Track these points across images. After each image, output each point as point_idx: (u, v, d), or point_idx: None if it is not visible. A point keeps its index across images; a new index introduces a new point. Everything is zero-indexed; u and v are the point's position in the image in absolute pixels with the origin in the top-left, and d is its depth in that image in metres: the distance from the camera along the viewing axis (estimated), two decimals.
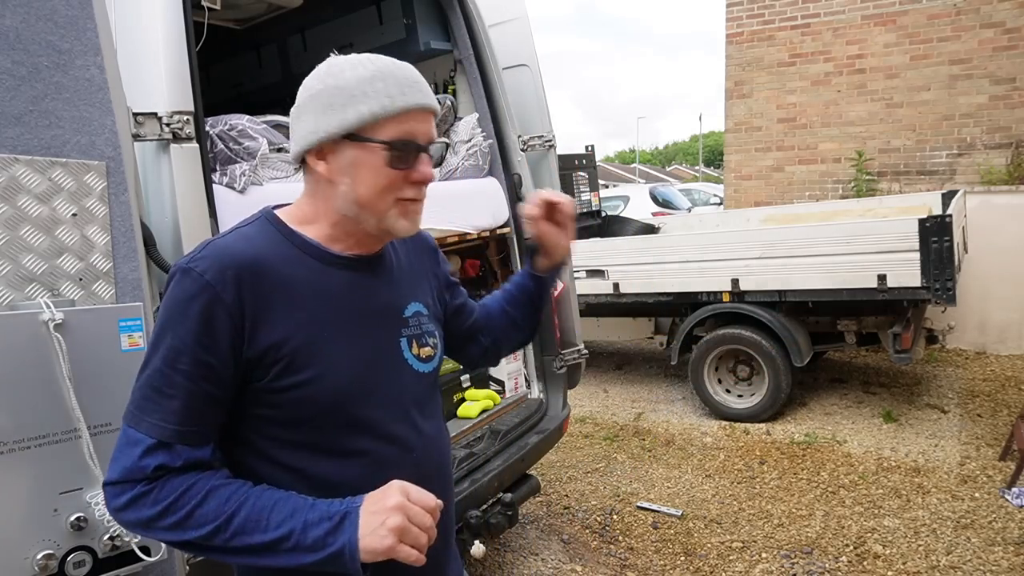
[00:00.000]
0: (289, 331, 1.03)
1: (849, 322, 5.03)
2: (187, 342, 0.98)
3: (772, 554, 3.35)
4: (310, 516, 0.96)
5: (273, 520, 0.96)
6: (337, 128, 1.02)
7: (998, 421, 4.78)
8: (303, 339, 1.04)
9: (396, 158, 1.04)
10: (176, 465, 0.98)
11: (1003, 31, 7.02)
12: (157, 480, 0.97)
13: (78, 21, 1.54)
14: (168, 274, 1.04)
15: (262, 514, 0.97)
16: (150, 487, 0.97)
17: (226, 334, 0.99)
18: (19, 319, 1.37)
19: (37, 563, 1.37)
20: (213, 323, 0.99)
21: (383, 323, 1.14)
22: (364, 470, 1.08)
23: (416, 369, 1.17)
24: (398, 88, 1.03)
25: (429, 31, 3.21)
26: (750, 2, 8.27)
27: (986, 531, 3.39)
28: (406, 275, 1.22)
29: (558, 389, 3.29)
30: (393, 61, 1.07)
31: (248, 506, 0.97)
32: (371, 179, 1.05)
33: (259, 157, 2.24)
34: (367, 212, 1.07)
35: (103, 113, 1.58)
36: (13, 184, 1.43)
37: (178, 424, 0.99)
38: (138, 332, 1.53)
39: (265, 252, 1.05)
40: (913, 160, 7.56)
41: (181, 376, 0.99)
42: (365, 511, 0.96)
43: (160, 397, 0.99)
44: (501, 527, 2.63)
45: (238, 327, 1.00)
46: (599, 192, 7.04)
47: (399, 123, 1.03)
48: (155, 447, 0.98)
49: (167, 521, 0.96)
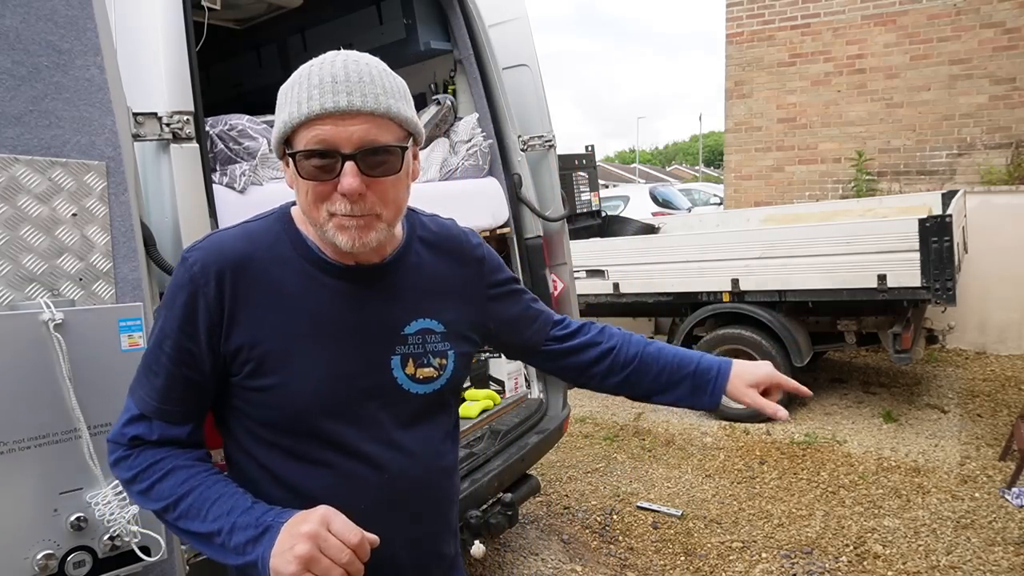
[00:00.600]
0: (263, 334, 1.04)
1: (849, 322, 5.03)
2: (172, 327, 1.04)
3: (772, 554, 3.35)
4: (241, 519, 0.97)
5: (211, 513, 0.99)
6: (276, 137, 1.01)
7: (998, 421, 4.78)
8: (274, 344, 1.04)
9: (309, 169, 0.97)
10: (152, 439, 1.05)
11: (1003, 31, 7.02)
12: (134, 448, 1.06)
13: (78, 21, 1.54)
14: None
15: (204, 504, 1.00)
16: (128, 452, 1.06)
17: (205, 326, 1.03)
18: (19, 319, 1.37)
19: (37, 563, 1.37)
20: (195, 314, 1.03)
21: (371, 339, 1.09)
22: (329, 481, 1.07)
23: (407, 389, 1.12)
24: (307, 93, 0.96)
25: (429, 31, 3.21)
26: (750, 2, 8.27)
27: (986, 531, 3.39)
28: (421, 289, 1.15)
29: (558, 389, 3.29)
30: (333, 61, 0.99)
31: (196, 493, 1.01)
32: (301, 190, 1.01)
33: (259, 157, 2.23)
34: (312, 223, 1.03)
35: (103, 113, 1.58)
36: (13, 184, 1.43)
37: (158, 401, 1.05)
38: (138, 332, 1.53)
39: (260, 252, 1.06)
40: (913, 160, 7.56)
41: (166, 358, 1.04)
42: (284, 530, 0.92)
43: (148, 374, 1.07)
44: (501, 527, 2.63)
45: (215, 322, 1.03)
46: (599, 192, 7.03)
47: (309, 130, 0.96)
48: (136, 418, 1.06)
49: (135, 488, 1.05)
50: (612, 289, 5.51)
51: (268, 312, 1.04)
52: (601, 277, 5.54)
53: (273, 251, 1.07)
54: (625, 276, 5.46)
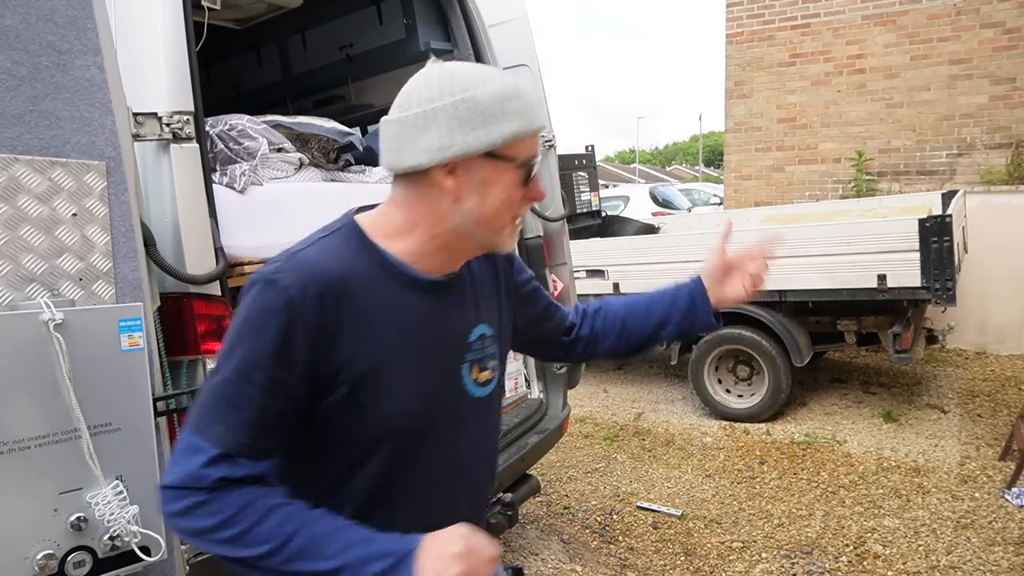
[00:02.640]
0: (360, 354, 1.02)
1: (849, 322, 5.03)
2: (264, 356, 0.97)
3: (772, 554, 3.35)
4: (367, 551, 0.94)
5: (329, 549, 0.94)
6: (478, 146, 0.99)
7: (998, 421, 4.78)
8: (370, 363, 1.03)
9: (526, 177, 1.04)
10: (237, 476, 0.96)
11: (1003, 31, 7.02)
12: (216, 491, 0.95)
13: (78, 21, 1.54)
14: (250, 279, 1.01)
15: (319, 541, 0.94)
16: (208, 497, 0.95)
17: (304, 351, 0.98)
18: (19, 319, 1.37)
19: (37, 563, 1.37)
20: (292, 339, 0.97)
21: (448, 350, 1.12)
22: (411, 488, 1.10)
23: (472, 395, 1.16)
24: (530, 108, 1.03)
25: (429, 31, 3.21)
26: (750, 2, 8.27)
27: (986, 531, 3.39)
28: (476, 296, 1.19)
29: (558, 389, 3.29)
30: (507, 75, 1.06)
31: (306, 531, 0.95)
32: (500, 197, 1.03)
33: (259, 157, 2.24)
34: (485, 229, 1.05)
35: (103, 113, 1.58)
36: (13, 184, 1.43)
37: (244, 437, 0.97)
38: (138, 332, 1.53)
39: (349, 270, 1.03)
40: (913, 160, 7.56)
41: (254, 389, 0.97)
42: (425, 554, 0.92)
43: (230, 408, 0.97)
44: (501, 527, 2.63)
45: (315, 346, 0.99)
46: (599, 192, 7.04)
47: (531, 143, 1.04)
48: (219, 458, 0.96)
49: (224, 534, 0.94)
50: (612, 289, 5.51)
51: (364, 331, 1.02)
52: (601, 277, 5.54)
53: (359, 267, 1.04)
54: (625, 276, 5.46)
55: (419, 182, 1.04)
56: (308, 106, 3.87)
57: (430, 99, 1.00)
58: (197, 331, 1.86)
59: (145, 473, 1.54)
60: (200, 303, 1.86)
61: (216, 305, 1.90)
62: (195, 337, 1.86)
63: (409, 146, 1.01)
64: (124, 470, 1.50)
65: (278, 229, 2.21)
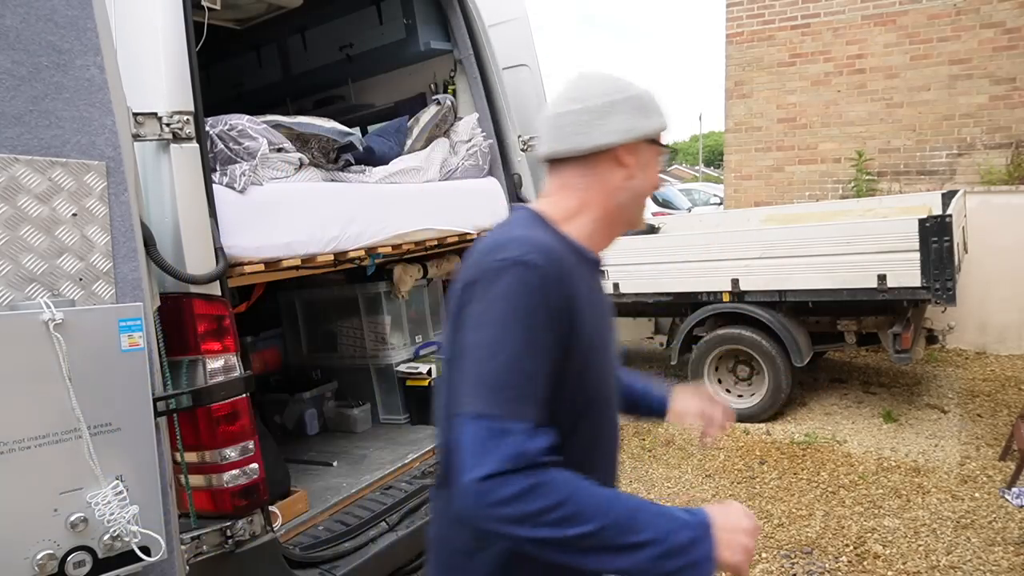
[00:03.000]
0: (587, 325, 1.11)
1: (849, 322, 5.03)
2: (538, 329, 1.03)
3: (772, 554, 3.35)
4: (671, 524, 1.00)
5: (637, 524, 0.98)
6: (650, 130, 1.20)
7: (998, 421, 4.78)
8: (589, 335, 1.12)
9: (662, 163, 1.26)
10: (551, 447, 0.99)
11: (1003, 31, 7.01)
12: (540, 469, 0.96)
13: (78, 21, 1.54)
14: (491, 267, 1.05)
15: (629, 517, 0.98)
16: (537, 480, 0.95)
17: (562, 326, 1.06)
18: (19, 319, 1.37)
19: (37, 563, 1.37)
20: (552, 313, 1.04)
21: (610, 323, 1.29)
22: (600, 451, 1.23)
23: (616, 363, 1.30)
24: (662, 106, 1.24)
25: (429, 31, 3.21)
26: (750, 2, 8.26)
27: (986, 531, 3.39)
28: None
29: None
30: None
31: (620, 507, 0.99)
32: (654, 176, 1.24)
33: (259, 157, 2.23)
34: (640, 203, 1.26)
35: (103, 113, 1.57)
36: (13, 184, 1.43)
37: (541, 409, 1.02)
38: (138, 332, 1.53)
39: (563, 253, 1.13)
40: (913, 160, 7.55)
41: (535, 363, 1.02)
42: (721, 526, 1.02)
43: (527, 383, 1.01)
44: None
45: (565, 318, 1.07)
46: None
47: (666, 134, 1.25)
48: (532, 432, 0.98)
49: (552, 516, 0.94)
50: (612, 289, 5.50)
51: (584, 306, 1.11)
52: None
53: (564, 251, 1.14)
54: (625, 276, 5.45)
55: (594, 163, 1.19)
56: (308, 106, 3.87)
57: (606, 92, 1.18)
58: (197, 331, 1.86)
59: (145, 473, 1.54)
60: (200, 303, 1.87)
61: (216, 305, 1.90)
62: (195, 337, 1.86)
63: (597, 129, 1.16)
64: (124, 470, 1.50)
65: (278, 229, 2.22)
